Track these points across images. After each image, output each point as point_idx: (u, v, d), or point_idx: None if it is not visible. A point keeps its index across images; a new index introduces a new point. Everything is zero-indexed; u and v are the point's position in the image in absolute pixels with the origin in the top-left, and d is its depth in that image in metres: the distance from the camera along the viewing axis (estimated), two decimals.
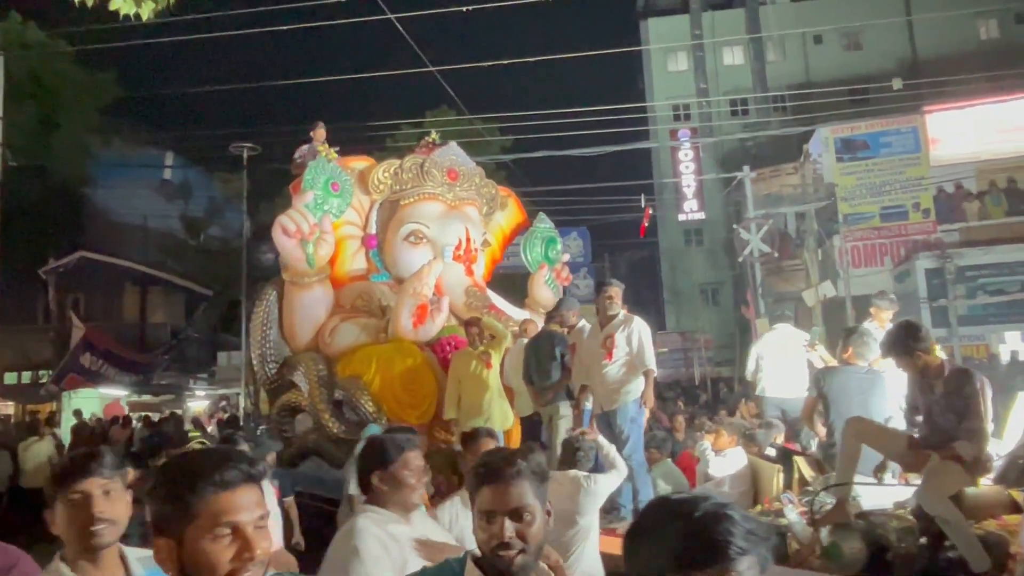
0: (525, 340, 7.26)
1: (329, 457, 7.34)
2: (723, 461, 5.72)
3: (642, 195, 20.82)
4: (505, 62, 17.01)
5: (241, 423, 15.31)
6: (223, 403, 21.91)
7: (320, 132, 9.51)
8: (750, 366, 7.02)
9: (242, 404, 19.89)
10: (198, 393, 24.04)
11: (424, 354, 7.67)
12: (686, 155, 27.72)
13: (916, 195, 19.19)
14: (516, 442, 7.12)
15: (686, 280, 29.65)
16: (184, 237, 25.76)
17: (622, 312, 5.76)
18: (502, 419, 6.79)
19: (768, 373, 6.77)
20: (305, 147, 9.49)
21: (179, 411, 19.54)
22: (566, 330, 6.58)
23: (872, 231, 19.18)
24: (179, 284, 22.25)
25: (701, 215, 28.08)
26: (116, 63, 22.82)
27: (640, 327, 5.61)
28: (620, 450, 5.04)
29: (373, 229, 8.85)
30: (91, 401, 18.60)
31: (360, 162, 9.15)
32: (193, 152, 26.47)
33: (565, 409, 6.42)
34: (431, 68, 10.99)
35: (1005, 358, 14.96)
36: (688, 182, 27.49)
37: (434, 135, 9.52)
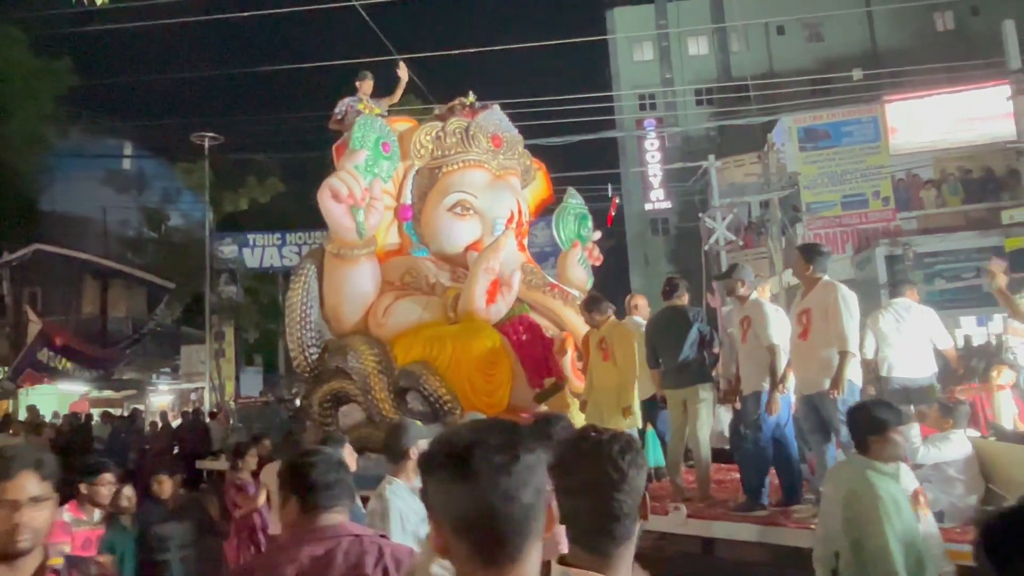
0: (637, 318, 6.62)
1: None
2: (945, 446, 4.75)
3: (609, 184, 20.95)
4: (471, 50, 16.90)
5: (206, 418, 15.12)
6: (193, 396, 21.63)
7: (367, 84, 8.36)
8: (868, 345, 5.99)
9: (207, 399, 19.64)
10: (161, 388, 23.64)
11: (499, 336, 6.85)
12: (652, 144, 27.91)
13: (876, 184, 19.55)
14: None
15: (653, 269, 29.93)
16: (145, 229, 25.22)
17: (824, 277, 4.83)
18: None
19: (892, 352, 5.93)
20: (348, 100, 8.32)
21: (141, 407, 19.20)
22: (738, 300, 5.52)
23: (834, 219, 19.51)
24: (140, 277, 21.78)
25: (667, 204, 28.33)
26: (72, 50, 22.19)
27: (845, 297, 4.65)
28: (837, 438, 4.63)
29: (408, 199, 7.88)
30: (48, 398, 18.20)
31: (402, 123, 8.20)
32: (153, 142, 25.93)
33: (705, 392, 5.67)
34: (396, 56, 10.88)
35: (960, 342, 15.39)
36: (654, 171, 27.69)
37: (471, 97, 8.45)
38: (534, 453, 1.14)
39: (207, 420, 14.63)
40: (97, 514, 4.34)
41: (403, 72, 8.59)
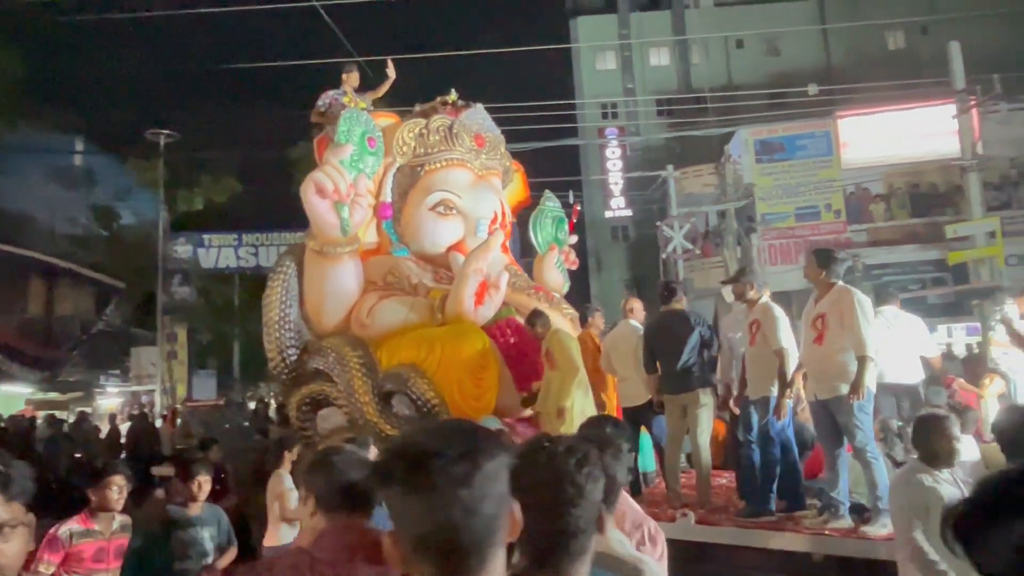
0: (633, 322, 6.46)
1: None
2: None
3: (571, 192, 21.06)
4: (435, 55, 16.90)
5: (156, 421, 14.75)
6: (144, 398, 21.07)
7: (354, 76, 8.11)
8: None
9: (158, 401, 19.17)
10: (110, 390, 23.00)
11: (488, 339, 6.68)
12: (613, 153, 28.20)
13: (828, 196, 20.08)
14: None
15: (612, 275, 30.21)
16: (95, 227, 24.54)
17: (839, 283, 4.84)
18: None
19: (882, 358, 5.73)
20: (332, 93, 8.06)
21: (88, 409, 18.66)
22: (745, 304, 5.47)
23: (787, 230, 19.98)
24: (89, 276, 21.18)
25: (628, 212, 28.63)
26: (21, 41, 21.49)
27: (860, 302, 4.65)
28: (851, 443, 4.64)
29: (388, 197, 7.68)
30: None
31: (385, 118, 7.94)
32: (106, 138, 25.27)
33: (706, 397, 5.62)
34: (357, 59, 10.82)
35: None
36: (615, 180, 27.97)
37: (453, 95, 8.30)
38: (496, 459, 1.07)
39: (157, 423, 14.26)
40: (117, 522, 4.03)
41: (391, 71, 8.41)
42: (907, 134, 18.82)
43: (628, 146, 28.20)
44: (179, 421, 13.95)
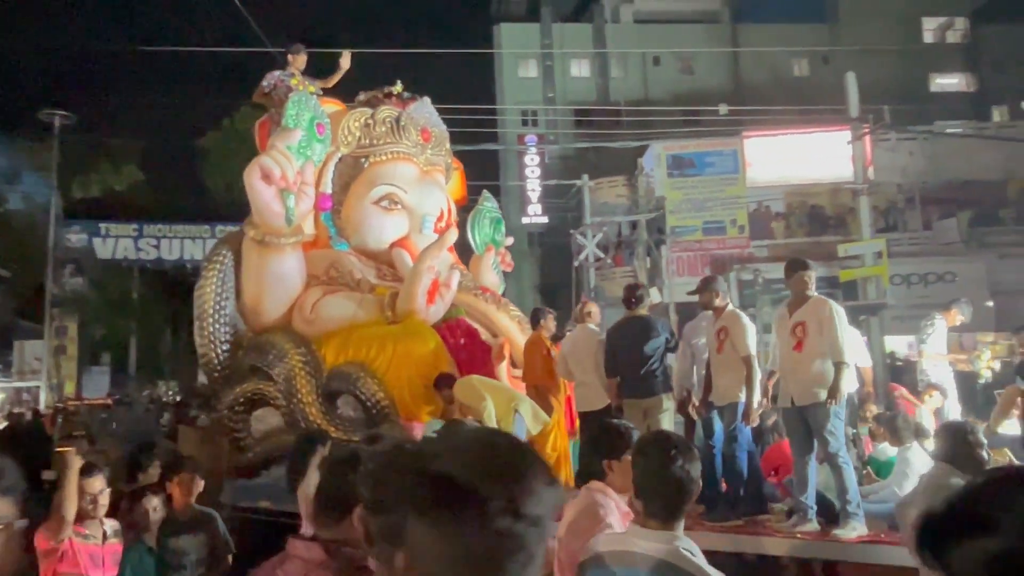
0: (592, 326, 6.35)
1: None
2: (914, 458, 5.15)
3: (488, 195, 21.16)
4: (355, 50, 16.60)
5: (42, 418, 13.85)
6: (26, 395, 19.75)
7: (301, 58, 7.65)
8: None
9: (43, 398, 18.02)
10: None
11: (439, 339, 6.44)
12: (532, 160, 28.50)
13: (734, 212, 20.95)
14: (565, 442, 6.30)
15: (527, 281, 30.49)
16: None
17: (816, 294, 5.02)
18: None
19: None
20: (277, 73, 7.58)
21: None
22: (712, 313, 5.51)
23: (695, 243, 20.71)
24: None
25: (544, 219, 28.98)
26: None
27: (837, 311, 4.85)
28: (824, 448, 4.69)
29: (328, 188, 7.34)
30: None
31: (330, 105, 7.56)
32: None
33: (668, 402, 5.65)
34: (271, 49, 10.53)
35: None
36: (532, 186, 28.27)
37: (399, 86, 8.00)
38: (546, 500, 0.96)
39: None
40: (110, 527, 3.67)
41: (345, 61, 8.12)
42: (806, 157, 19.87)
43: (546, 154, 28.58)
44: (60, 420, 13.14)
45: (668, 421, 5.65)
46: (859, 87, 16.22)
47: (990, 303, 16.26)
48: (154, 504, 4.04)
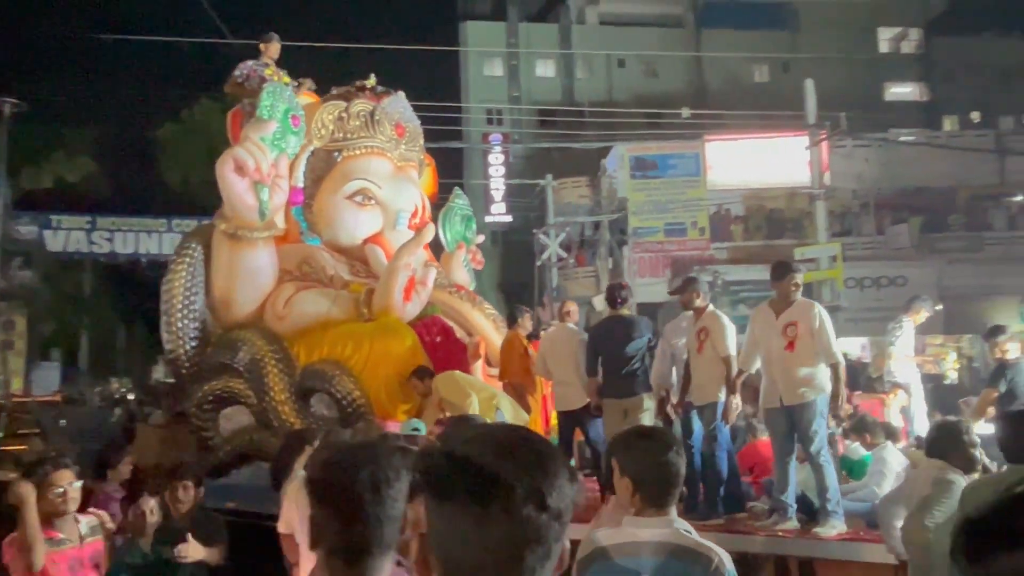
0: (571, 325, 6.37)
1: None
2: (891, 458, 5.34)
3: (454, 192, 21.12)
4: (319, 45, 16.46)
5: None
6: None
7: (274, 47, 7.54)
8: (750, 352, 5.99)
9: None
10: None
11: (416, 337, 6.34)
12: (496, 159, 28.50)
13: (695, 214, 21.24)
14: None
15: (490, 279, 30.48)
16: None
17: (801, 297, 5.18)
18: None
19: None
20: (250, 63, 7.41)
21: None
22: (692, 313, 5.57)
23: (656, 244, 20.94)
24: None
25: (508, 218, 29.01)
26: None
27: (824, 313, 5.01)
28: (806, 448, 4.73)
29: (300, 181, 7.19)
30: None
31: (304, 97, 7.44)
32: None
33: (649, 402, 5.72)
34: (231, 40, 10.35)
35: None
36: (496, 185, 28.28)
37: (372, 80, 7.88)
38: (569, 493, 0.97)
39: None
40: (83, 524, 3.34)
41: (271, 48, 7.81)
42: (765, 161, 20.23)
43: (511, 153, 28.62)
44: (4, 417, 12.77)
45: (648, 421, 5.69)
46: (817, 94, 16.59)
47: (939, 307, 16.77)
48: (151, 506, 3.84)
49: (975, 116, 29.58)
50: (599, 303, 19.44)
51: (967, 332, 15.17)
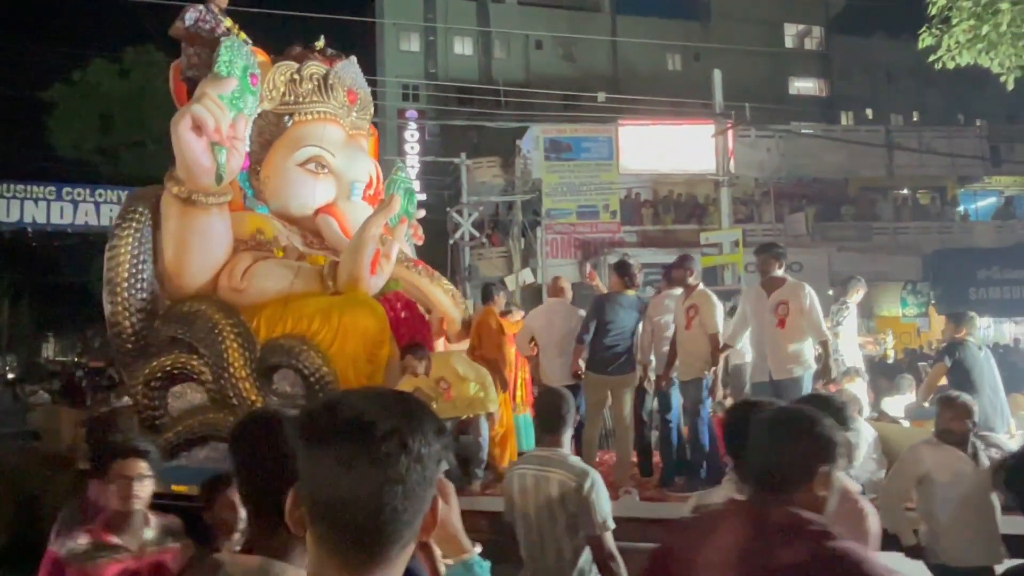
0: (556, 300, 6.31)
1: None
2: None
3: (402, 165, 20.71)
4: (229, 8, 15.71)
5: None
6: None
7: None
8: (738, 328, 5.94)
9: None
10: None
11: (384, 311, 6.04)
12: (412, 136, 28.12)
13: (607, 197, 21.64)
14: (510, 416, 6.35)
15: None
16: None
17: (791, 278, 5.47)
18: None
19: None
20: (201, 8, 6.63)
21: None
22: (683, 290, 5.71)
23: (569, 226, 21.24)
24: None
25: (422, 196, 28.72)
26: None
27: (812, 293, 5.28)
28: None
29: (246, 146, 6.65)
30: None
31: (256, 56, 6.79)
32: None
33: (633, 378, 5.87)
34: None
35: None
36: (411, 162, 27.90)
37: (321, 42, 7.35)
38: (436, 444, 1.00)
39: None
40: (150, 530, 2.65)
41: None
42: (674, 148, 20.78)
43: (427, 130, 28.28)
44: None
45: (631, 395, 5.88)
46: (724, 85, 17.14)
47: (830, 292, 17.77)
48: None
49: (868, 113, 31.34)
50: (511, 283, 19.59)
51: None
